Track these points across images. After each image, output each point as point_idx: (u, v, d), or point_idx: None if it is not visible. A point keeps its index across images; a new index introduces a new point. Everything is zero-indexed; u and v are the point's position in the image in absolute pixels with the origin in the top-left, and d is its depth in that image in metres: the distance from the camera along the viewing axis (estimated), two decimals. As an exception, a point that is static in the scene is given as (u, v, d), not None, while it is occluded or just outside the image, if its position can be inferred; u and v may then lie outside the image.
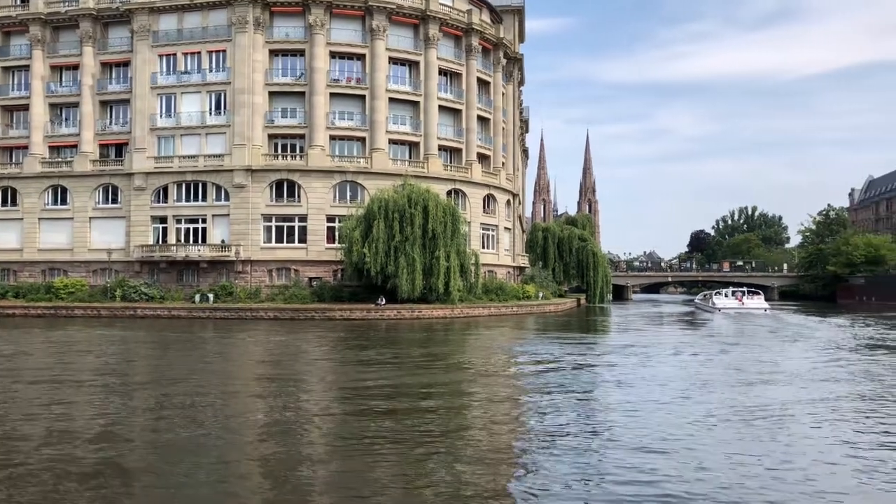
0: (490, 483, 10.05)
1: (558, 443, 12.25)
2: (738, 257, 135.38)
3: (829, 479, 10.21)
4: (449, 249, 48.07)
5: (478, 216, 59.47)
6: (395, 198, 48.19)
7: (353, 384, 19.12)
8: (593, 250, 79.77)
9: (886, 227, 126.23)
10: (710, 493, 9.37)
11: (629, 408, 15.58)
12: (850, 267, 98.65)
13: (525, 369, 23.41)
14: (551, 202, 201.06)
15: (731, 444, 12.15)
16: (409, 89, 57.70)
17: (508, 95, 69.82)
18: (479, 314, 49.50)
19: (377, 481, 9.95)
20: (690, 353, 28.35)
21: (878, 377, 20.91)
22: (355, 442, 12.17)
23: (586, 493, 9.33)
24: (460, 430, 13.62)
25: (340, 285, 51.08)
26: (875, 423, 14.27)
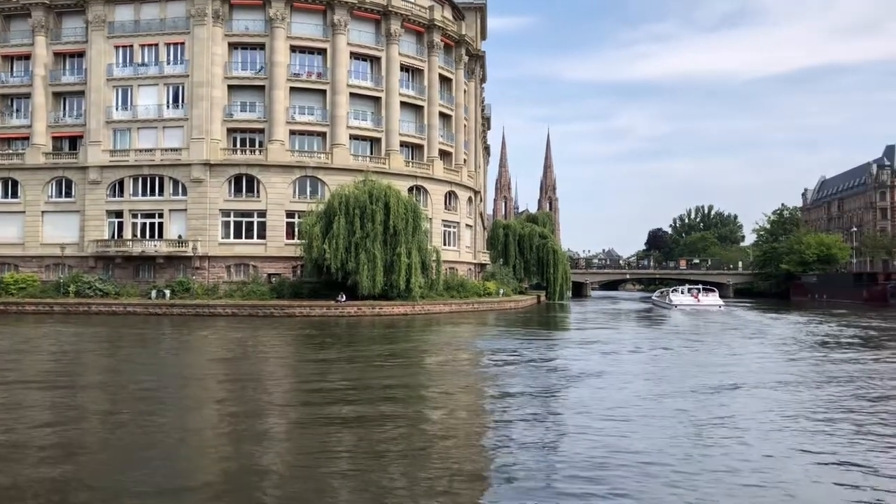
0: (450, 484, 10.00)
1: (519, 439, 12.24)
2: (694, 255, 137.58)
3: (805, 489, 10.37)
4: (410, 246, 47.94)
5: (439, 213, 59.44)
6: (356, 194, 47.89)
7: (312, 383, 18.89)
8: (553, 248, 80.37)
9: (838, 226, 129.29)
10: (669, 492, 9.44)
11: (590, 404, 15.65)
12: (803, 265, 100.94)
13: (486, 366, 23.41)
14: (512, 199, 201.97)
15: (688, 443, 12.27)
16: (370, 85, 57.39)
17: (470, 92, 69.90)
18: (440, 311, 49.50)
19: (336, 483, 9.83)
20: (650, 349, 28.70)
21: (822, 366, 21.38)
22: (314, 445, 12.02)
23: (548, 491, 9.32)
24: (421, 426, 13.55)
25: (300, 282, 50.63)
26: (816, 405, 14.60)
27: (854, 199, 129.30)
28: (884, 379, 19.95)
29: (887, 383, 19.17)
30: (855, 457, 11.24)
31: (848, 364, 23.36)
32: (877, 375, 20.57)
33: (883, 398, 16.79)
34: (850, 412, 14.89)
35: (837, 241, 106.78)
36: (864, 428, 13.35)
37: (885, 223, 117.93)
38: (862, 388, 18.17)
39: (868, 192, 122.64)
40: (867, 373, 21.07)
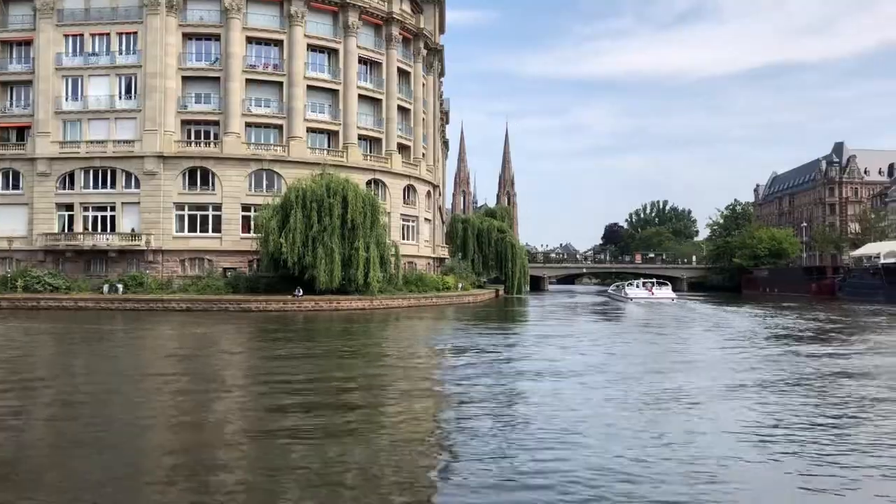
0: (409, 478, 9.95)
1: (478, 436, 12.23)
2: (650, 249, 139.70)
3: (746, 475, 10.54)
4: (368, 240, 47.67)
5: (398, 207, 59.25)
6: (314, 187, 47.44)
7: (268, 379, 18.65)
8: (512, 242, 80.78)
9: (788, 221, 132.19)
10: (626, 479, 9.51)
11: (549, 397, 15.72)
12: (755, 259, 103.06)
13: (444, 361, 23.41)
14: (471, 194, 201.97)
15: (646, 430, 12.40)
16: (328, 77, 56.90)
17: (429, 86, 69.76)
18: (399, 305, 49.36)
19: (292, 479, 9.71)
20: (609, 342, 29.00)
21: (762, 351, 21.85)
22: (269, 442, 11.87)
23: (504, 489, 9.31)
24: (379, 427, 13.46)
25: (256, 276, 49.99)
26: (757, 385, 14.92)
27: (804, 195, 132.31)
28: (833, 374, 20.40)
29: (839, 380, 19.61)
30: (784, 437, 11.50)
31: (780, 351, 23.92)
32: (825, 368, 21.01)
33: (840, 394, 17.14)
34: (780, 390, 15.24)
35: (788, 235, 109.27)
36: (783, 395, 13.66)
37: (834, 218, 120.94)
38: (792, 372, 18.61)
39: (817, 189, 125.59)
40: (801, 361, 21.58)
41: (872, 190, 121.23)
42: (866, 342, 29.34)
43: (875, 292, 69.70)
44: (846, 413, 14.18)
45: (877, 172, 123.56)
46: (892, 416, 14.02)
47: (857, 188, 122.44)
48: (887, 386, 17.49)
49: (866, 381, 18.22)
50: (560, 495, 8.79)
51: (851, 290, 76.20)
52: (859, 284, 76.21)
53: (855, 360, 22.98)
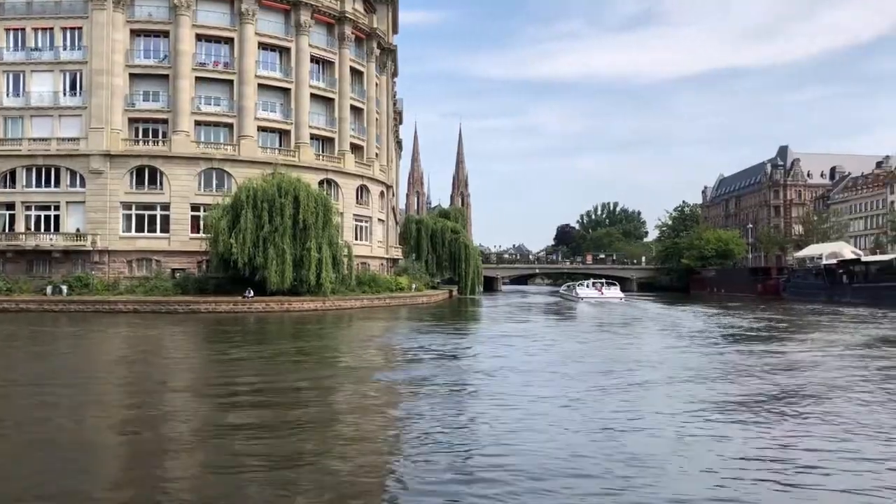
0: (363, 483, 9.90)
1: (431, 436, 12.23)
2: (601, 250, 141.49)
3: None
4: (321, 241, 47.29)
5: (351, 207, 58.92)
6: (265, 187, 46.89)
7: (218, 383, 18.35)
8: (465, 243, 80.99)
9: (735, 222, 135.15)
10: (585, 478, 9.60)
11: (502, 396, 15.76)
12: (703, 260, 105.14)
13: (397, 362, 23.35)
14: (425, 195, 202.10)
15: (598, 426, 12.53)
16: (279, 76, 56.35)
17: (382, 86, 69.56)
18: (352, 306, 49.08)
19: (243, 489, 9.57)
20: (560, 338, 29.27)
21: (708, 347, 22.33)
22: (219, 451, 11.69)
23: (457, 489, 9.31)
24: (332, 426, 13.37)
25: (206, 277, 49.18)
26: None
27: (750, 197, 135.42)
28: (773, 370, 20.90)
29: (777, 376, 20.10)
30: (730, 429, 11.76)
31: (719, 348, 24.47)
32: (767, 366, 21.51)
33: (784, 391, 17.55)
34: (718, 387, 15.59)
35: (734, 237, 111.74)
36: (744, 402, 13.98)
37: (779, 220, 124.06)
38: (727, 365, 19.06)
39: (763, 191, 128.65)
40: (735, 355, 22.11)
41: (815, 192, 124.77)
42: (805, 341, 30.11)
43: (817, 292, 71.71)
44: (782, 406, 14.55)
45: (819, 175, 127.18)
46: (822, 402, 14.43)
47: (801, 191, 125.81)
48: (819, 380, 18.00)
49: (802, 375, 18.72)
50: (506, 486, 8.84)
51: (795, 291, 78.20)
52: (802, 285, 78.29)
53: (793, 356, 23.57)
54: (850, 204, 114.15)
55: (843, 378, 18.47)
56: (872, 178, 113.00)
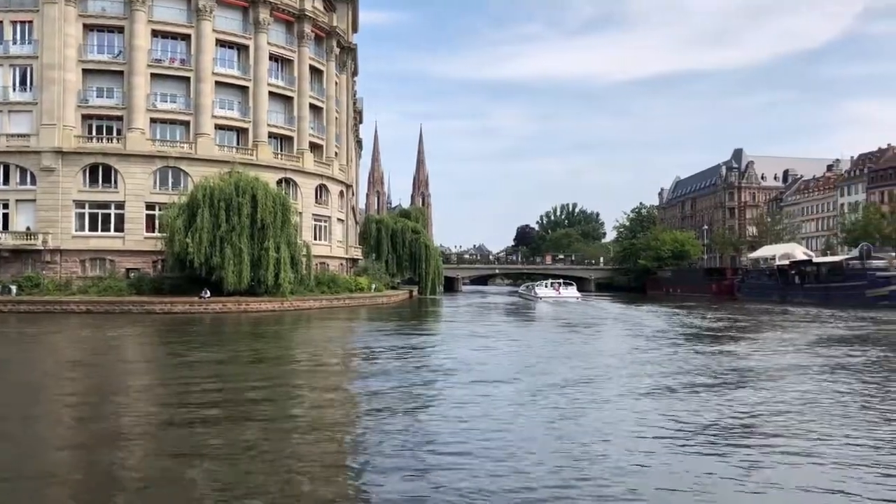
0: (320, 486, 9.79)
1: (389, 436, 12.15)
2: (560, 251, 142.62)
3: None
4: (279, 240, 46.82)
5: (310, 206, 58.43)
6: (222, 186, 46.25)
7: (173, 386, 17.98)
8: (426, 243, 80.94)
9: (691, 224, 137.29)
10: (540, 479, 9.61)
11: (460, 395, 15.75)
12: (659, 260, 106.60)
13: (356, 363, 23.21)
14: (385, 194, 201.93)
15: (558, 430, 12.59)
16: (237, 73, 55.65)
17: (342, 85, 69.17)
18: (311, 307, 48.67)
19: (197, 488, 9.40)
20: (521, 338, 29.38)
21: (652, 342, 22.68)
22: (174, 455, 11.47)
23: (417, 491, 9.25)
24: (290, 431, 13.20)
25: (161, 277, 48.33)
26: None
27: (705, 199, 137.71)
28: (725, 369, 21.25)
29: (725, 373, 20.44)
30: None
31: (671, 347, 24.85)
32: (719, 365, 21.85)
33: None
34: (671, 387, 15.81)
35: (690, 238, 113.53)
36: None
37: (733, 221, 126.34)
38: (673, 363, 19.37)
39: (718, 193, 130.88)
40: (687, 354, 22.48)
41: (769, 194, 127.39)
42: (757, 340, 30.70)
43: (771, 292, 73.18)
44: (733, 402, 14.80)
45: (772, 178, 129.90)
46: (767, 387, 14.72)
47: (755, 193, 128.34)
48: (770, 379, 18.37)
49: (753, 375, 19.07)
50: (464, 481, 8.83)
51: (749, 291, 79.67)
52: (756, 285, 79.81)
53: (746, 355, 24.00)
54: (802, 206, 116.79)
55: (792, 375, 18.85)
56: (823, 181, 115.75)
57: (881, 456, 10.58)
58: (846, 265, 65.49)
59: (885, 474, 9.62)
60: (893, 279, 57.85)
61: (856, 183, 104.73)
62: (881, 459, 10.37)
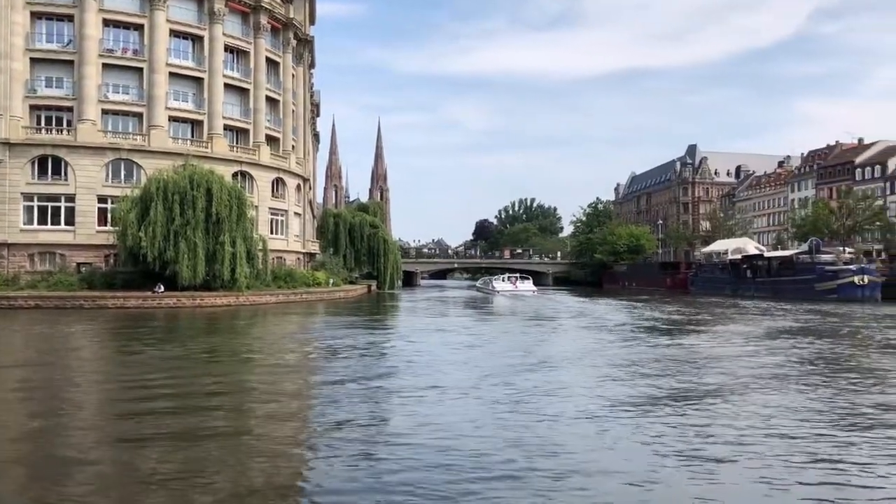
0: (275, 480, 9.71)
1: (346, 434, 12.12)
2: (518, 245, 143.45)
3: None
4: (235, 234, 46.27)
5: (266, 200, 57.80)
6: (176, 179, 45.52)
7: (125, 383, 17.63)
8: (384, 237, 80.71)
9: (646, 218, 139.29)
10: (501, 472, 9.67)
11: (417, 388, 15.75)
12: (615, 255, 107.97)
13: (313, 358, 23.06)
14: (343, 188, 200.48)
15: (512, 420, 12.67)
16: (192, 65, 54.73)
17: (299, 77, 68.51)
18: (267, 302, 48.19)
19: (149, 493, 9.25)
20: (477, 333, 29.48)
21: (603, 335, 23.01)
22: (126, 457, 11.27)
23: (372, 489, 9.24)
24: (246, 434, 13.09)
25: (114, 271, 47.40)
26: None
27: (660, 194, 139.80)
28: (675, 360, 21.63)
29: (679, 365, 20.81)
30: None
31: (620, 338, 25.26)
32: (672, 356, 22.22)
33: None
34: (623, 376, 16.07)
35: (645, 232, 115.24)
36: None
37: (687, 216, 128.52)
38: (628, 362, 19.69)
39: (672, 188, 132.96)
40: (640, 346, 22.87)
41: (722, 190, 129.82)
42: (708, 332, 31.30)
43: (723, 286, 74.63)
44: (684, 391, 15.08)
45: (725, 174, 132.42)
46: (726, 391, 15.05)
47: (708, 188, 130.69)
48: (721, 370, 18.75)
49: (706, 365, 19.45)
50: (418, 476, 8.85)
51: (702, 284, 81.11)
52: (709, 279, 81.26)
53: (697, 346, 24.46)
54: (754, 201, 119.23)
55: (741, 365, 19.26)
56: (774, 177, 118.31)
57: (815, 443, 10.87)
58: (796, 259, 66.99)
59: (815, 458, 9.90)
60: (841, 273, 59.39)
61: (805, 179, 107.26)
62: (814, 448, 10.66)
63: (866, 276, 58.30)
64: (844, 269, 60.13)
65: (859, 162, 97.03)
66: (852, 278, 58.04)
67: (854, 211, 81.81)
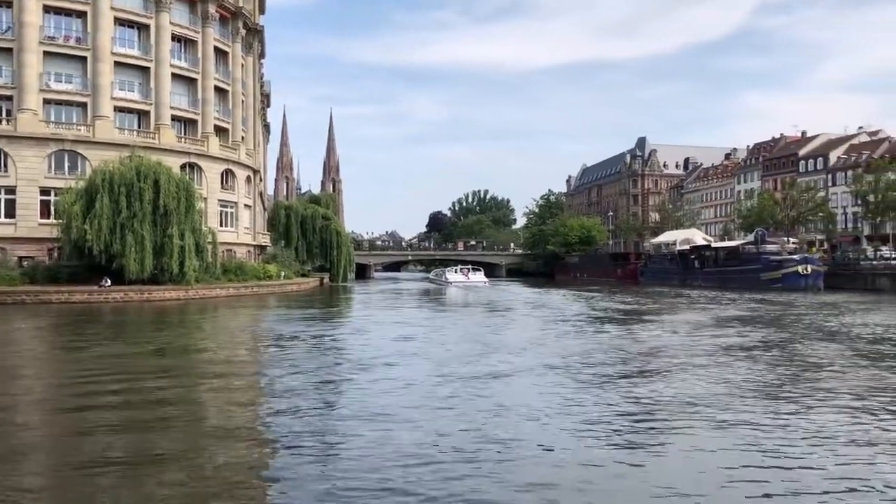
0: (228, 478, 9.60)
1: (298, 426, 12.04)
2: (472, 237, 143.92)
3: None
4: (183, 227, 45.46)
5: (215, 192, 56.89)
6: (122, 170, 44.50)
7: (70, 381, 17.23)
8: (337, 229, 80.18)
9: (597, 210, 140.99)
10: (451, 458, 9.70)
11: (372, 384, 15.70)
12: (567, 246, 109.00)
13: (264, 353, 22.82)
14: (295, 180, 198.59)
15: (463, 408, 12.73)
16: (138, 53, 53.50)
17: (248, 67, 67.52)
18: (218, 296, 47.49)
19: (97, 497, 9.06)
20: (429, 323, 29.52)
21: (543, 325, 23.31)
22: (74, 460, 11.01)
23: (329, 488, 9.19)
24: (195, 424, 12.89)
25: (58, 265, 46.14)
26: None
27: (611, 186, 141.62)
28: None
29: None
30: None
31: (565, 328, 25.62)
32: (621, 346, 22.57)
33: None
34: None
35: (596, 224, 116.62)
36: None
37: (637, 208, 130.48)
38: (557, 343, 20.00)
39: (623, 180, 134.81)
40: (590, 336, 23.22)
41: (670, 182, 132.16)
42: (656, 322, 31.88)
43: (672, 276, 75.98)
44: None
45: (674, 166, 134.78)
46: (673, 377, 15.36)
47: (658, 180, 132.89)
48: (669, 355, 19.13)
49: (653, 352, 19.82)
50: (375, 473, 8.85)
51: (651, 275, 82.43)
52: (658, 269, 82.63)
53: (646, 335, 24.88)
54: (702, 193, 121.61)
55: (686, 352, 19.67)
56: (721, 169, 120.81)
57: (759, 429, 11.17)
58: (742, 250, 68.48)
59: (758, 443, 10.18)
60: (785, 263, 60.90)
61: (751, 171, 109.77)
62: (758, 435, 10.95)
63: (809, 265, 59.83)
64: (788, 258, 61.60)
65: (803, 154, 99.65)
66: (796, 268, 59.49)
67: (798, 202, 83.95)
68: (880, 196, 71.04)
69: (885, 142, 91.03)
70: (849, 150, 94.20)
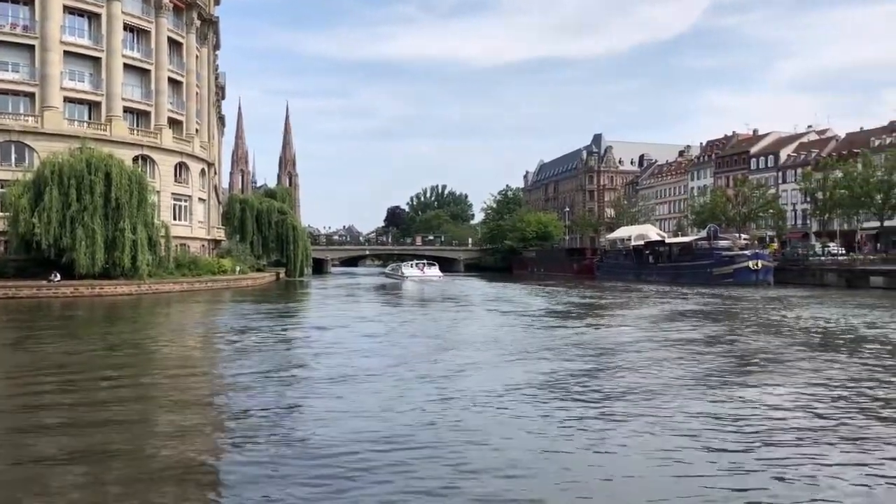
0: (180, 476, 9.51)
1: (255, 424, 11.99)
2: (430, 232, 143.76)
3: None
4: (135, 221, 44.71)
5: (168, 185, 55.96)
6: (72, 162, 43.56)
7: (17, 380, 16.85)
8: (293, 224, 79.53)
9: (554, 206, 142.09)
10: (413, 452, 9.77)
11: (329, 380, 15.65)
12: (524, 241, 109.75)
13: (218, 349, 22.58)
14: (250, 174, 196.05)
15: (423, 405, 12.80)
16: (88, 43, 52.30)
17: (203, 59, 66.49)
18: (171, 290, 46.81)
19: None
20: (383, 317, 29.52)
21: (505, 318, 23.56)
22: (22, 457, 10.80)
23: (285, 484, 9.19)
24: (148, 422, 12.74)
25: (4, 259, 44.98)
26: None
27: (567, 182, 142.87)
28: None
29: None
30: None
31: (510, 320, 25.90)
32: (576, 341, 22.86)
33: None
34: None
35: (553, 219, 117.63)
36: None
37: (593, 204, 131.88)
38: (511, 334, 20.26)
39: (579, 176, 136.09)
40: (545, 331, 23.52)
41: (626, 178, 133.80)
42: (610, 315, 32.36)
43: (627, 272, 76.93)
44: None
45: (630, 163, 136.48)
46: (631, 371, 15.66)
47: (613, 176, 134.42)
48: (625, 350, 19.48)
49: (609, 346, 20.14)
50: (332, 469, 8.88)
51: (607, 270, 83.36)
52: (614, 264, 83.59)
53: (602, 329, 25.26)
54: (656, 189, 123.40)
55: (640, 345, 20.04)
56: (675, 166, 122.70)
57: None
58: (695, 245, 69.62)
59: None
60: (737, 258, 62.11)
61: (704, 168, 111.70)
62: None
63: (760, 261, 61.08)
64: (740, 254, 62.79)
65: (754, 152, 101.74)
66: (747, 263, 60.68)
67: (749, 199, 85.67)
68: (828, 194, 72.86)
69: (833, 140, 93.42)
70: (798, 148, 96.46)
